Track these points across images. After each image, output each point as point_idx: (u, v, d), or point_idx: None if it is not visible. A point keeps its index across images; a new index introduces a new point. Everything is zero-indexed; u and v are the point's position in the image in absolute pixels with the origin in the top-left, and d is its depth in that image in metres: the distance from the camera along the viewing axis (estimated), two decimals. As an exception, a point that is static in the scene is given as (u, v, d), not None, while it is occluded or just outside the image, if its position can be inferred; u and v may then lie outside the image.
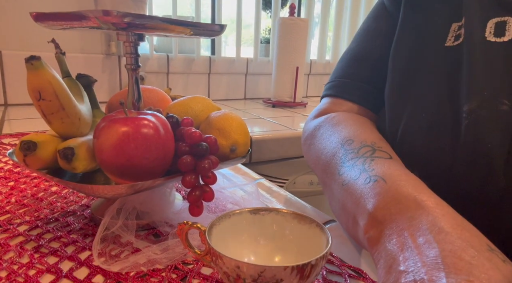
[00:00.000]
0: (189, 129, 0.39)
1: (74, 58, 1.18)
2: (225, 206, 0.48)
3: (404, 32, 0.46)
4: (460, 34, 0.40)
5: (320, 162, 0.43)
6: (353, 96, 0.52)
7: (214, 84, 1.46)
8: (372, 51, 0.52)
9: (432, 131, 0.41)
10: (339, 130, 0.44)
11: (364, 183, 0.33)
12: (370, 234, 0.30)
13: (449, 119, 0.39)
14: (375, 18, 0.53)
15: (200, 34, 0.44)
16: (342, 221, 0.37)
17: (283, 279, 0.26)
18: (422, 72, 0.43)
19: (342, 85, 0.53)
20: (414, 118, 0.43)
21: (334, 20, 1.64)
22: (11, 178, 0.55)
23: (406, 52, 0.45)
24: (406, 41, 0.46)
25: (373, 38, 0.52)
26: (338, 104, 0.52)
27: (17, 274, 0.33)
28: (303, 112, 1.30)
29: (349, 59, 0.54)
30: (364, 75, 0.52)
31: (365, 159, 0.36)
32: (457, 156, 0.38)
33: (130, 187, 0.36)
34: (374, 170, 0.34)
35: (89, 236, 0.40)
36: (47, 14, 0.38)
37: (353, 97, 0.52)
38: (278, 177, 0.99)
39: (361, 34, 0.54)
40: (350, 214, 0.34)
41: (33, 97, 0.36)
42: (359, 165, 0.36)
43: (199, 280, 0.34)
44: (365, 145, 0.39)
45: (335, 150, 0.41)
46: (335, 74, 0.55)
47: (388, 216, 0.29)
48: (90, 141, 0.38)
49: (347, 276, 0.35)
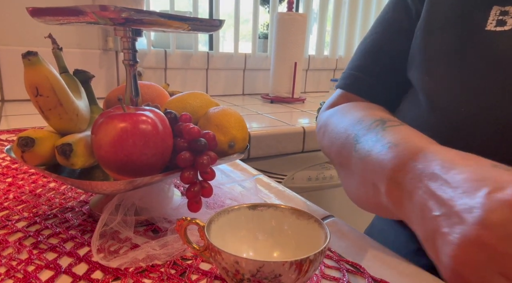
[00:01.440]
0: (188, 125, 0.39)
1: (71, 53, 1.17)
2: (224, 201, 0.48)
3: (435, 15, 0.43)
4: (505, 21, 0.37)
5: (334, 146, 0.45)
6: (364, 93, 0.52)
7: (212, 80, 1.45)
8: (387, 45, 0.51)
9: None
10: (349, 115, 0.45)
11: (378, 152, 0.35)
12: (393, 195, 0.32)
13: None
14: (394, 8, 0.51)
15: (198, 30, 0.44)
16: (362, 194, 0.39)
17: (282, 274, 0.27)
18: (469, 57, 0.40)
19: (354, 79, 0.53)
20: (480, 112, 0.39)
21: (332, 15, 1.64)
22: (9, 174, 0.55)
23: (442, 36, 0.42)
24: (439, 23, 0.43)
25: (389, 30, 0.51)
26: (349, 99, 0.53)
27: (16, 270, 0.33)
28: (302, 107, 1.30)
29: (363, 50, 0.53)
30: (376, 70, 0.51)
31: (377, 131, 0.38)
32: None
33: (129, 183, 0.36)
34: (385, 138, 0.36)
35: (87, 232, 0.40)
36: (43, 9, 0.37)
37: (364, 94, 0.52)
38: (276, 172, 0.99)
39: (378, 24, 0.53)
40: (369, 183, 0.36)
41: (30, 93, 0.36)
42: (372, 138, 0.38)
43: (198, 275, 0.34)
44: (375, 120, 0.40)
45: (348, 132, 0.42)
46: (350, 64, 0.55)
47: (405, 174, 0.31)
48: (88, 137, 0.38)
49: (345, 271, 0.35)
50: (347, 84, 0.54)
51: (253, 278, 0.27)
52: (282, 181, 1.00)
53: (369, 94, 0.52)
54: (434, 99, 0.43)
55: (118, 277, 0.33)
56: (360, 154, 0.38)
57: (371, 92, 0.52)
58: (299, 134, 0.98)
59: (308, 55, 1.64)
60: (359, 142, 0.39)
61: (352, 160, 0.39)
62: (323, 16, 1.60)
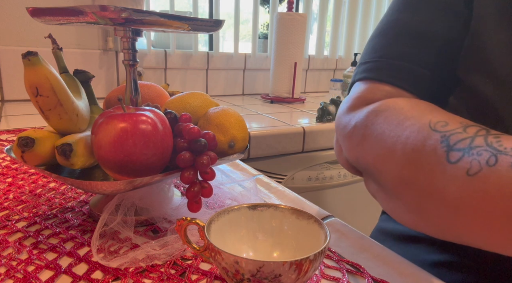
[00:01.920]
0: (188, 125, 0.39)
1: (71, 53, 1.17)
2: (224, 202, 0.48)
3: None
4: None
5: (397, 154, 0.32)
6: (413, 87, 0.39)
7: (212, 80, 1.45)
8: (433, 25, 0.39)
9: None
10: (413, 115, 0.33)
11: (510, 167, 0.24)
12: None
13: None
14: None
15: (198, 30, 0.44)
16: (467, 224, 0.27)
17: (282, 274, 0.27)
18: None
19: (397, 69, 0.40)
20: None
21: (332, 15, 1.64)
22: (9, 175, 0.55)
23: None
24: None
25: (437, 8, 0.40)
26: (389, 94, 0.39)
27: (16, 270, 0.33)
28: (301, 107, 1.30)
29: (398, 34, 0.41)
30: (425, 58, 0.39)
31: (485, 138, 0.27)
32: None
33: (129, 183, 0.36)
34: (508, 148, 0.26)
35: (87, 232, 0.40)
36: (43, 9, 0.37)
37: (413, 89, 0.39)
38: (276, 172, 0.99)
39: (412, 1, 0.41)
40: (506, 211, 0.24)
41: (30, 93, 0.36)
42: (483, 147, 0.27)
43: (198, 275, 0.34)
44: (469, 125, 0.29)
45: (424, 135, 0.30)
46: (379, 51, 0.42)
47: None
48: (88, 137, 0.38)
49: (345, 271, 0.35)
50: (387, 75, 0.40)
51: (253, 278, 0.27)
52: (282, 181, 1.00)
53: (419, 88, 0.39)
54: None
55: (118, 277, 0.33)
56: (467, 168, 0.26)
57: (421, 86, 0.39)
58: (299, 134, 0.98)
59: (308, 55, 1.64)
60: (454, 150, 0.28)
61: (446, 175, 0.28)
62: (323, 16, 1.60)
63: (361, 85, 0.42)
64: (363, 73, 0.42)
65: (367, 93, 0.40)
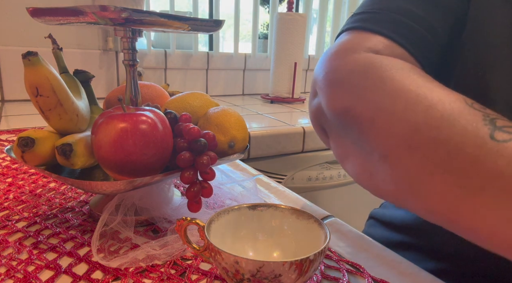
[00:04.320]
0: (188, 125, 0.39)
1: (71, 53, 1.17)
2: (224, 202, 0.48)
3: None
4: None
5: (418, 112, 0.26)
6: (420, 51, 0.34)
7: (212, 80, 1.45)
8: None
9: None
10: (439, 84, 0.28)
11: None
12: None
13: None
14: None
15: (198, 30, 0.44)
16: None
17: (282, 274, 0.27)
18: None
19: (389, 19, 0.34)
20: None
21: (332, 16, 1.64)
22: (9, 175, 0.55)
23: None
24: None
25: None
26: (393, 51, 0.34)
27: (16, 270, 0.33)
28: (301, 107, 1.30)
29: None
30: (432, 23, 0.34)
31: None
32: None
33: (129, 183, 0.36)
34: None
35: (87, 232, 0.40)
36: (43, 9, 0.37)
37: (419, 54, 0.34)
38: (276, 173, 0.99)
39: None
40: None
41: (30, 93, 0.36)
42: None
43: (198, 275, 0.34)
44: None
45: (460, 107, 0.26)
46: (372, 4, 0.37)
47: None
48: (88, 137, 0.38)
49: (345, 271, 0.35)
50: (387, 29, 0.34)
51: (253, 278, 0.27)
52: (282, 181, 1.00)
53: (419, 52, 0.34)
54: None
55: (118, 277, 0.33)
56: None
57: (423, 50, 0.34)
58: (299, 134, 0.98)
59: (308, 55, 1.64)
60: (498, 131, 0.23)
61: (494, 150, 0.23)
62: (323, 16, 1.60)
63: (354, 33, 0.36)
64: (357, 23, 0.36)
65: (364, 41, 0.34)
